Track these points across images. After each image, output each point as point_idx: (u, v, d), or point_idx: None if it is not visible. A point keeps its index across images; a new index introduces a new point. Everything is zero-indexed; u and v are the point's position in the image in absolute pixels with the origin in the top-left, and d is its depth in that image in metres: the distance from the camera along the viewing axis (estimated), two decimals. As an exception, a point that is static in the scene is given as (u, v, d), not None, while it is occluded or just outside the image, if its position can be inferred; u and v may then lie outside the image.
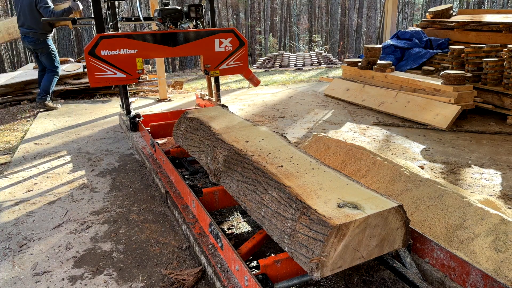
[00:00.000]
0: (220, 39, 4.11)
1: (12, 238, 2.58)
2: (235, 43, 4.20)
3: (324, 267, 1.52)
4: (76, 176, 3.56)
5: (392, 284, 2.03)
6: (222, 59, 4.20)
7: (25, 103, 6.72)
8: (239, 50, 4.24)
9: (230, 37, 4.15)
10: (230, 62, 4.25)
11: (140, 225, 2.71)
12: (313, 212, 1.59)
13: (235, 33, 4.17)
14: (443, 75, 4.94)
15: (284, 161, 2.16)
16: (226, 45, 4.15)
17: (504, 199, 2.92)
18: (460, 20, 6.63)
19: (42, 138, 4.67)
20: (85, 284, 2.12)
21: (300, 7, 33.32)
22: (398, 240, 1.71)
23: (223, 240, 1.99)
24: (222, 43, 4.14)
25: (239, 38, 4.21)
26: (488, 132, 4.53)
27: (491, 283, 1.68)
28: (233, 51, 4.21)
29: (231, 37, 4.15)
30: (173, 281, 2.10)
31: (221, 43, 4.13)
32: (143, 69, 3.84)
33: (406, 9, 30.15)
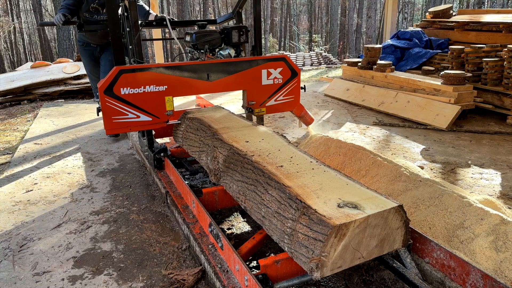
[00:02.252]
0: (268, 70, 3.25)
1: (12, 238, 2.58)
2: (286, 73, 3.35)
3: (324, 267, 1.52)
4: (76, 176, 3.56)
5: (392, 284, 2.03)
6: (270, 94, 3.33)
7: (25, 103, 6.72)
8: (290, 82, 3.39)
9: (280, 67, 3.30)
10: (279, 97, 3.38)
11: (140, 225, 2.71)
12: (313, 212, 1.59)
13: (286, 61, 3.33)
14: (443, 75, 4.94)
15: (284, 161, 2.16)
16: (276, 76, 3.30)
17: (504, 199, 2.92)
18: (460, 20, 6.64)
19: (42, 138, 4.67)
20: (85, 284, 2.12)
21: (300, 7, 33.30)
22: (398, 240, 1.71)
23: (223, 240, 1.99)
24: (271, 74, 3.28)
25: (291, 68, 3.36)
26: (488, 132, 4.53)
27: (491, 283, 1.68)
28: (284, 84, 3.36)
29: (281, 66, 3.30)
30: (173, 281, 2.10)
31: (269, 74, 3.26)
32: (173, 109, 2.96)
33: (406, 9, 30.15)
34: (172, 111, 2.93)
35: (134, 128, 2.86)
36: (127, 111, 2.79)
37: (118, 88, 2.72)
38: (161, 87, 2.86)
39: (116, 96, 2.73)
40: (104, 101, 2.71)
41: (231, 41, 3.25)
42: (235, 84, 3.17)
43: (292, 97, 3.45)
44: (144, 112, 2.85)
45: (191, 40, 3.20)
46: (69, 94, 6.99)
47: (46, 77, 6.81)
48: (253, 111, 3.29)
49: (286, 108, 3.48)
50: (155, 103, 2.86)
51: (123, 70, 2.72)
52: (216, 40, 3.24)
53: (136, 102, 2.80)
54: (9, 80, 6.77)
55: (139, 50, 3.05)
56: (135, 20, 2.95)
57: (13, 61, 23.45)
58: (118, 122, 2.79)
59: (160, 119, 2.92)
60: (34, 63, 7.40)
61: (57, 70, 7.00)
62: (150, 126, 2.93)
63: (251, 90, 3.25)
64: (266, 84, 3.28)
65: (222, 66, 3.08)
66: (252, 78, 3.21)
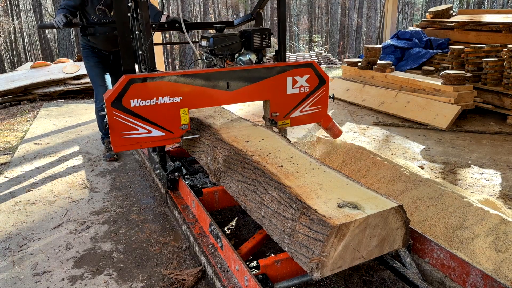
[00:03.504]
0: (294, 77, 2.88)
1: (12, 238, 2.58)
2: (314, 81, 2.97)
3: (324, 267, 1.52)
4: (76, 176, 3.56)
5: (392, 284, 2.03)
6: (295, 104, 2.96)
7: (25, 103, 6.72)
8: (318, 90, 3.01)
9: (307, 74, 2.92)
10: (305, 107, 3.01)
11: (140, 225, 2.71)
12: (313, 212, 1.59)
13: (314, 67, 2.96)
14: (443, 75, 4.94)
15: (284, 161, 2.16)
16: (302, 84, 2.93)
17: (504, 199, 2.92)
18: (460, 20, 6.64)
19: (42, 138, 4.67)
20: (85, 284, 2.12)
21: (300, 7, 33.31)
22: (398, 240, 1.71)
23: (223, 240, 1.99)
24: (297, 83, 2.91)
25: (319, 75, 2.99)
26: (488, 132, 4.53)
27: (491, 283, 1.68)
28: (310, 92, 2.99)
29: (308, 73, 2.93)
30: (173, 281, 2.10)
31: (295, 82, 2.90)
32: (189, 123, 2.61)
33: (406, 9, 30.16)
34: (188, 124, 2.58)
35: (145, 144, 2.51)
36: (138, 126, 2.44)
37: (128, 100, 2.36)
38: (175, 98, 2.50)
39: (125, 108, 2.38)
40: (111, 115, 2.35)
41: (252, 45, 2.89)
42: (258, 94, 2.81)
43: (319, 107, 3.08)
44: (156, 126, 2.49)
45: (208, 44, 2.80)
46: (69, 94, 7.00)
47: (46, 77, 6.81)
48: (276, 124, 2.94)
49: (313, 119, 3.11)
50: (168, 116, 2.51)
51: (133, 80, 2.37)
52: (236, 44, 2.88)
53: (148, 115, 2.45)
54: (9, 80, 6.77)
55: (151, 56, 2.67)
56: (146, 22, 2.56)
57: (13, 61, 23.46)
58: (127, 138, 2.44)
59: (174, 134, 2.56)
60: (34, 63, 7.40)
61: (57, 70, 7.00)
62: (163, 142, 2.56)
63: (275, 100, 2.88)
64: (291, 93, 2.92)
65: (243, 74, 2.73)
66: (276, 87, 2.85)
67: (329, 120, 3.30)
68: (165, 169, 2.83)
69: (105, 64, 3.88)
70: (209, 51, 2.86)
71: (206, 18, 22.85)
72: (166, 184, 2.83)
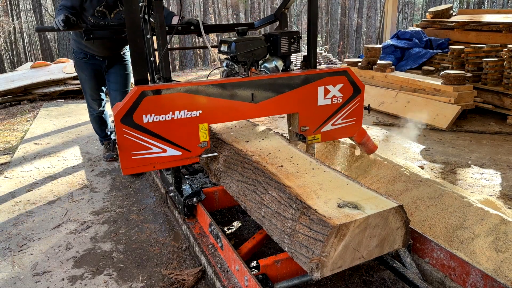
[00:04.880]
0: (326, 87, 2.56)
1: (12, 238, 2.58)
2: (348, 90, 2.65)
3: (324, 267, 1.52)
4: (76, 176, 3.56)
5: (392, 284, 2.03)
6: (326, 117, 2.64)
7: (25, 103, 6.72)
8: (352, 101, 2.69)
9: (340, 82, 2.60)
10: (338, 120, 2.69)
11: (140, 225, 2.71)
12: (313, 212, 1.59)
13: (348, 75, 2.63)
14: (443, 75, 4.94)
15: (284, 161, 2.16)
16: (335, 94, 2.61)
17: (504, 199, 2.92)
18: (460, 20, 6.64)
19: (42, 138, 4.67)
20: (85, 284, 2.12)
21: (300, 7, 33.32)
22: (398, 240, 1.71)
23: (223, 240, 1.99)
24: (329, 92, 2.58)
25: (354, 83, 2.66)
26: (488, 132, 4.53)
27: (491, 283, 1.68)
28: (344, 103, 2.66)
29: (342, 82, 2.61)
30: (173, 281, 2.10)
31: (327, 92, 2.57)
32: (209, 140, 2.30)
33: (406, 9, 30.15)
34: (207, 142, 2.28)
35: (159, 165, 2.22)
36: (151, 144, 2.14)
37: (140, 115, 2.07)
38: (194, 113, 2.20)
39: (136, 125, 2.08)
40: (121, 132, 2.05)
41: (280, 50, 2.55)
42: (286, 106, 2.49)
43: (353, 120, 2.75)
44: (172, 144, 2.20)
45: (230, 50, 2.47)
46: (69, 94, 7.00)
47: (46, 77, 6.81)
48: (305, 139, 2.62)
49: (345, 133, 2.79)
50: (186, 132, 2.22)
51: (146, 92, 2.05)
52: (260, 49, 2.54)
53: (163, 132, 2.15)
54: (9, 80, 6.77)
55: (166, 64, 2.31)
56: (161, 24, 2.22)
57: (13, 61, 23.46)
58: (139, 158, 2.14)
59: (191, 153, 2.26)
60: (34, 63, 7.41)
61: (57, 70, 7.00)
62: (179, 162, 2.27)
63: (305, 112, 2.55)
64: (323, 105, 2.60)
65: (270, 83, 2.41)
66: (306, 98, 2.53)
67: (364, 134, 2.94)
68: (180, 193, 2.49)
69: (99, 73, 3.63)
70: (230, 58, 2.55)
71: (206, 18, 22.82)
72: (182, 210, 2.47)
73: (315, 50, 2.68)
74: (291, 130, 2.69)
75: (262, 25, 3.17)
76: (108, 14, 3.37)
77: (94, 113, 3.79)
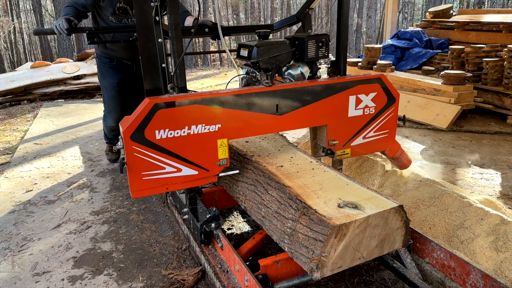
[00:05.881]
0: (358, 96, 2.31)
1: (12, 238, 2.58)
2: (381, 99, 2.40)
3: (324, 267, 1.52)
4: (76, 176, 3.56)
5: (392, 284, 2.03)
6: (357, 129, 2.39)
7: (25, 103, 6.72)
8: (386, 111, 2.44)
9: (374, 91, 2.36)
10: (370, 132, 2.44)
11: (140, 225, 2.71)
12: (313, 212, 1.59)
13: (382, 82, 2.39)
14: (443, 75, 4.94)
15: (284, 161, 2.16)
16: (367, 104, 2.36)
17: (504, 199, 2.92)
18: (460, 20, 6.63)
19: (42, 138, 4.67)
20: (85, 284, 2.12)
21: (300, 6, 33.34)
22: (398, 240, 1.71)
23: (223, 240, 1.98)
24: (361, 102, 2.34)
25: (388, 91, 2.41)
26: (488, 132, 4.53)
27: (491, 283, 1.68)
28: (376, 114, 2.41)
29: (375, 90, 2.36)
30: (173, 281, 2.10)
31: (359, 101, 2.33)
32: (228, 157, 2.05)
33: (406, 9, 30.15)
34: (226, 159, 2.04)
35: (173, 186, 1.98)
36: (164, 163, 1.91)
37: (152, 131, 1.84)
38: (212, 127, 1.96)
39: (148, 142, 1.84)
40: (130, 151, 1.82)
41: (306, 55, 2.31)
42: (314, 117, 2.24)
43: (386, 132, 2.51)
44: (188, 163, 1.96)
45: (251, 55, 2.20)
46: (69, 94, 7.00)
47: (46, 77, 6.81)
48: (334, 154, 2.37)
49: (377, 147, 2.54)
50: (203, 149, 1.97)
51: (159, 104, 1.83)
52: (285, 55, 2.28)
53: (177, 149, 1.92)
54: (9, 80, 6.77)
55: (181, 72, 2.07)
56: (176, 26, 1.97)
57: (13, 61, 23.46)
58: (151, 179, 1.90)
59: (209, 172, 2.02)
60: (34, 63, 7.41)
61: (57, 70, 7.00)
62: (195, 182, 2.03)
63: (334, 124, 2.30)
64: (354, 116, 2.34)
65: (297, 93, 2.15)
66: (336, 109, 2.28)
67: (397, 148, 2.66)
68: (196, 216, 2.25)
69: (126, 82, 3.19)
70: (251, 64, 2.26)
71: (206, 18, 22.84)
72: (199, 237, 2.19)
73: (345, 54, 2.41)
74: (316, 144, 2.43)
75: (282, 27, 2.93)
76: (130, 9, 2.99)
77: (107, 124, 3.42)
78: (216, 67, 15.06)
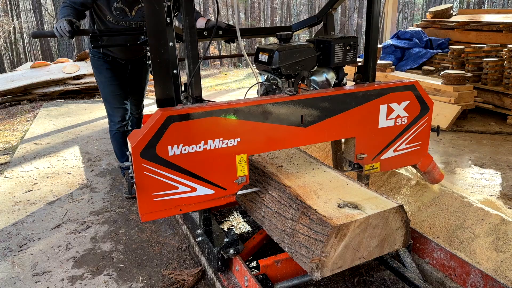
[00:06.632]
0: (389, 105, 2.12)
1: (12, 238, 2.58)
2: (414, 108, 2.21)
3: (324, 267, 1.52)
4: (76, 176, 3.56)
5: (392, 284, 2.03)
6: (388, 142, 2.20)
7: (24, 103, 6.72)
8: (418, 121, 2.25)
9: (406, 99, 2.17)
10: (401, 145, 2.25)
11: (140, 225, 2.70)
12: (314, 212, 1.59)
13: (416, 90, 2.20)
14: (443, 75, 4.94)
15: (284, 161, 2.16)
16: (399, 114, 2.17)
17: (504, 199, 2.91)
18: (460, 20, 6.63)
19: (41, 138, 4.67)
20: (85, 284, 2.12)
21: (300, 7, 33.32)
22: (398, 240, 1.71)
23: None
24: (392, 112, 2.14)
25: (422, 99, 2.23)
26: (489, 132, 4.53)
27: (491, 283, 1.68)
28: (409, 124, 2.22)
29: (408, 98, 2.17)
30: (173, 281, 2.10)
31: (390, 111, 2.13)
32: (247, 174, 1.86)
33: (406, 9, 30.16)
34: (246, 176, 1.85)
35: (186, 207, 1.79)
36: (178, 182, 1.73)
37: (165, 147, 1.66)
38: (230, 141, 1.77)
39: (160, 159, 1.67)
40: (140, 169, 1.64)
41: (333, 60, 2.12)
42: (342, 129, 2.04)
43: (418, 144, 2.31)
44: (203, 181, 1.78)
45: (272, 61, 2.01)
46: (69, 94, 7.00)
47: (46, 77, 6.81)
48: (362, 168, 2.18)
49: (409, 161, 2.34)
50: (221, 166, 1.79)
51: (173, 117, 1.64)
52: (309, 60, 2.09)
53: (192, 166, 1.73)
54: (9, 80, 6.77)
55: (197, 80, 1.88)
56: (191, 27, 1.78)
57: (13, 61, 23.46)
58: (163, 200, 1.72)
59: (227, 191, 1.84)
60: (34, 63, 7.41)
61: (56, 70, 7.00)
62: (211, 202, 1.83)
63: (363, 136, 2.11)
64: (385, 127, 2.15)
65: (324, 102, 1.95)
66: (365, 119, 2.09)
67: (430, 161, 2.44)
68: (211, 240, 2.02)
69: (121, 77, 3.05)
70: (272, 70, 2.07)
71: (206, 18, 22.81)
72: (216, 264, 1.96)
73: (374, 59, 2.20)
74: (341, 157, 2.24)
75: (301, 28, 2.73)
76: (129, 11, 2.80)
77: (115, 128, 3.10)
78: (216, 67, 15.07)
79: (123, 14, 2.78)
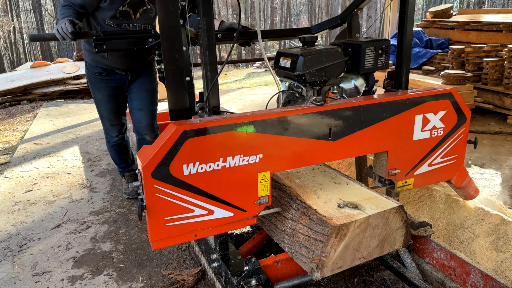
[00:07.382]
0: (425, 115, 1.93)
1: (12, 238, 2.58)
2: (451, 118, 2.03)
3: (325, 268, 1.52)
4: (75, 176, 3.56)
5: (392, 285, 2.02)
6: (422, 155, 2.02)
7: (24, 103, 6.72)
8: (455, 132, 2.07)
9: (443, 109, 1.98)
10: (436, 158, 2.06)
11: (140, 225, 2.70)
12: (314, 212, 1.59)
13: (453, 98, 2.01)
14: (444, 75, 4.94)
15: (284, 161, 2.15)
16: (435, 125, 1.98)
17: (504, 199, 2.92)
18: (461, 20, 6.63)
19: (41, 138, 4.67)
20: (85, 284, 2.12)
21: (300, 6, 33.32)
22: (398, 240, 1.71)
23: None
24: (428, 122, 1.96)
25: (458, 109, 2.04)
26: (489, 132, 4.53)
27: (491, 283, 1.68)
28: (445, 136, 2.04)
29: (445, 107, 1.99)
30: (173, 281, 2.09)
31: (426, 122, 1.95)
32: (270, 194, 1.68)
33: (406, 9, 30.13)
34: (268, 196, 1.68)
35: (203, 232, 1.61)
36: (193, 205, 1.56)
37: (179, 165, 1.48)
38: (252, 157, 1.60)
39: (174, 179, 1.49)
40: (151, 191, 1.47)
41: (363, 66, 1.94)
42: (373, 142, 1.86)
43: (454, 157, 2.11)
44: (221, 203, 1.60)
45: (295, 66, 1.82)
46: (69, 94, 7.00)
47: (45, 77, 6.81)
48: (394, 185, 2.01)
49: (444, 176, 2.15)
50: (241, 186, 1.62)
51: (189, 132, 1.47)
52: (337, 65, 1.90)
53: (209, 187, 1.56)
54: (8, 80, 6.77)
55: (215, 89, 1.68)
56: (209, 30, 1.59)
57: (13, 61, 23.46)
58: (176, 225, 1.55)
59: (247, 213, 1.66)
60: (33, 63, 7.42)
61: (56, 70, 7.00)
62: (230, 226, 1.66)
63: (396, 150, 1.93)
64: (420, 139, 1.96)
65: (354, 113, 1.77)
66: (399, 131, 1.90)
67: (465, 175, 2.25)
68: (228, 266, 1.80)
69: (120, 92, 2.79)
70: (295, 77, 1.86)
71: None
72: None
73: (407, 64, 2.01)
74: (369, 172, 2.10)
75: (322, 30, 2.56)
76: (133, 14, 2.57)
77: (112, 141, 2.96)
78: (216, 67, 15.05)
79: (127, 17, 2.57)
